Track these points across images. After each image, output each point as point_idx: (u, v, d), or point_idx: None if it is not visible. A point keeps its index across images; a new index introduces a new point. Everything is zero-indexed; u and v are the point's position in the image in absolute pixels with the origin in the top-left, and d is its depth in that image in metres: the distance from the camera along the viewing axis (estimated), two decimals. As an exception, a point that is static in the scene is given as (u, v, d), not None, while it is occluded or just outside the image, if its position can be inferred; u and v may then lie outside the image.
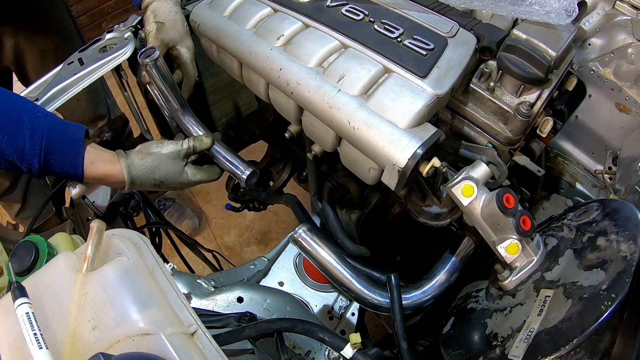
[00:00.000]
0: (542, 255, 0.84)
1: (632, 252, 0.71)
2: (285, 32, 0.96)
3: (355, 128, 0.83)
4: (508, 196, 0.78)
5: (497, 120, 0.93)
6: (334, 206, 1.25)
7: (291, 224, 2.63)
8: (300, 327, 0.82)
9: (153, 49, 1.02)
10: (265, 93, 1.05)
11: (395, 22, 0.93)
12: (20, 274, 0.80)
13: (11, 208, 2.20)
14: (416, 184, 0.92)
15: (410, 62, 0.85)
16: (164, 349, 0.54)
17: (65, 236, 0.94)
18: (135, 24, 1.23)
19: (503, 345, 0.75)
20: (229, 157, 1.08)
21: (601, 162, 1.22)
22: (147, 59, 1.01)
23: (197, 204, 2.85)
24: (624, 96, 1.13)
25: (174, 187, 1.06)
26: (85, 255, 0.62)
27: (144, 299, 0.59)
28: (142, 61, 1.01)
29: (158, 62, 1.02)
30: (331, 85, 0.87)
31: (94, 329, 0.57)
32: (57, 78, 1.12)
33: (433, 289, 0.94)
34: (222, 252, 2.34)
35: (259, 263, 1.25)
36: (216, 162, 1.10)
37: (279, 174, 1.66)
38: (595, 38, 1.17)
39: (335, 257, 0.96)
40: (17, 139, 0.85)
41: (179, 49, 1.17)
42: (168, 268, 0.84)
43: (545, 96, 0.90)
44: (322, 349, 0.96)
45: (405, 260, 1.34)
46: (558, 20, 0.86)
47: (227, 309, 1.01)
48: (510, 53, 0.86)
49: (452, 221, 0.97)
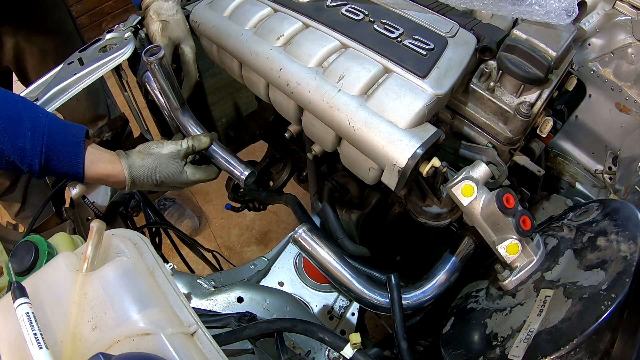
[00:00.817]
0: (542, 255, 0.84)
1: (632, 252, 0.71)
2: (285, 32, 0.97)
3: (355, 128, 0.83)
4: (508, 196, 0.78)
5: (497, 120, 0.93)
6: (334, 206, 1.25)
7: (291, 224, 2.63)
8: (300, 327, 0.82)
9: (158, 47, 1.01)
10: (265, 93, 1.05)
11: (395, 22, 0.93)
12: (20, 274, 0.81)
13: (11, 208, 2.20)
14: (416, 184, 0.92)
15: (410, 62, 0.85)
16: (164, 349, 0.54)
17: (65, 236, 0.94)
18: (135, 24, 1.23)
19: (503, 345, 0.75)
20: (228, 157, 1.09)
21: (601, 162, 1.22)
22: (152, 57, 1.00)
23: (197, 204, 2.85)
24: (624, 96, 1.13)
25: (173, 187, 1.07)
26: (85, 255, 0.62)
27: (144, 299, 0.59)
28: (147, 59, 1.00)
29: (163, 60, 1.01)
30: (331, 85, 0.87)
31: (94, 329, 0.57)
32: (57, 78, 1.12)
33: (433, 289, 0.94)
34: (222, 252, 2.34)
35: (259, 263, 1.25)
36: (214, 162, 1.10)
37: (279, 174, 1.66)
38: (595, 38, 1.17)
39: (335, 257, 0.96)
40: (18, 139, 0.85)
41: (183, 47, 1.18)
42: (168, 268, 0.84)
43: (545, 96, 0.90)
44: (322, 349, 0.96)
45: (405, 260, 1.34)
46: (558, 20, 0.86)
47: (227, 309, 1.01)
48: (510, 53, 0.86)
49: (452, 221, 0.97)
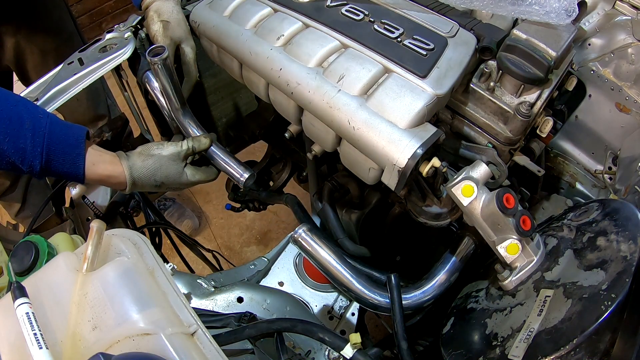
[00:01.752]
0: (542, 255, 0.84)
1: (632, 252, 0.71)
2: (285, 32, 0.96)
3: (355, 128, 0.83)
4: (508, 196, 0.78)
5: (497, 120, 0.93)
6: (334, 206, 1.25)
7: (291, 224, 2.63)
8: (300, 327, 0.82)
9: (162, 47, 1.01)
10: (265, 93, 1.05)
11: (395, 22, 0.93)
12: (20, 274, 0.81)
13: (11, 208, 2.20)
14: (416, 184, 0.92)
15: (410, 62, 0.86)
16: (164, 349, 0.54)
17: (65, 236, 0.94)
18: (135, 24, 1.23)
19: (503, 345, 0.75)
20: (227, 159, 1.09)
21: (601, 162, 1.22)
22: (156, 57, 1.00)
23: (197, 204, 2.85)
24: (624, 96, 1.13)
25: (173, 188, 1.07)
26: (85, 255, 0.62)
27: (144, 299, 0.59)
28: (151, 59, 1.00)
29: (167, 61, 1.01)
30: (331, 85, 0.87)
31: (94, 329, 0.57)
32: (57, 78, 1.12)
33: (433, 289, 0.94)
34: (222, 252, 2.34)
35: (259, 263, 1.25)
36: (214, 164, 1.10)
37: (279, 174, 1.66)
38: (595, 38, 1.17)
39: (335, 257, 0.96)
40: (18, 140, 0.85)
41: (184, 47, 1.18)
42: (168, 268, 0.84)
43: (545, 96, 0.90)
44: (322, 349, 0.96)
45: (405, 260, 1.34)
46: (558, 20, 0.86)
47: (227, 309, 1.01)
48: (510, 53, 0.86)
49: (452, 221, 0.97)
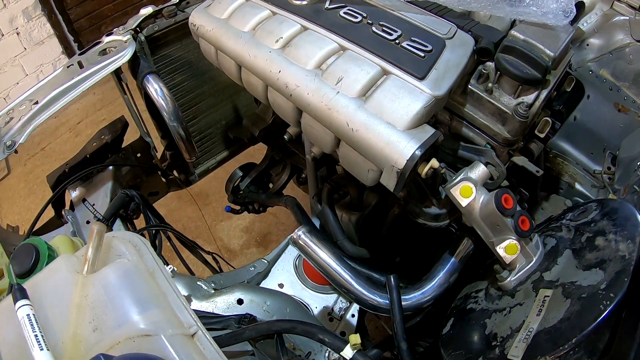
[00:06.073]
0: (540, 255, 0.84)
1: (631, 252, 0.71)
2: (284, 35, 0.97)
3: (354, 130, 0.83)
4: (506, 197, 0.79)
5: (496, 121, 0.93)
6: (333, 208, 1.25)
7: (291, 225, 2.63)
8: (300, 328, 0.83)
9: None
10: (264, 95, 1.05)
11: (393, 24, 0.93)
12: (21, 276, 0.81)
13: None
14: (415, 185, 0.92)
15: (409, 63, 0.86)
16: (164, 350, 0.55)
17: (65, 238, 0.94)
18: (134, 27, 1.24)
19: (502, 346, 0.75)
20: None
21: (600, 162, 1.22)
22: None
23: (197, 205, 2.85)
24: (622, 96, 1.14)
25: None
26: (85, 258, 0.62)
27: (144, 300, 0.59)
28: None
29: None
30: (330, 87, 0.87)
31: (94, 331, 0.57)
32: (57, 81, 1.12)
33: (432, 290, 0.94)
34: (222, 254, 2.34)
35: (258, 265, 1.25)
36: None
37: (278, 176, 1.66)
38: (594, 38, 1.17)
39: (335, 259, 0.96)
40: None
41: None
42: (168, 270, 0.84)
43: (543, 97, 0.90)
44: (322, 350, 0.96)
45: (404, 261, 1.34)
46: (556, 21, 0.86)
47: (227, 310, 1.01)
48: (508, 54, 0.86)
49: (451, 222, 0.98)
